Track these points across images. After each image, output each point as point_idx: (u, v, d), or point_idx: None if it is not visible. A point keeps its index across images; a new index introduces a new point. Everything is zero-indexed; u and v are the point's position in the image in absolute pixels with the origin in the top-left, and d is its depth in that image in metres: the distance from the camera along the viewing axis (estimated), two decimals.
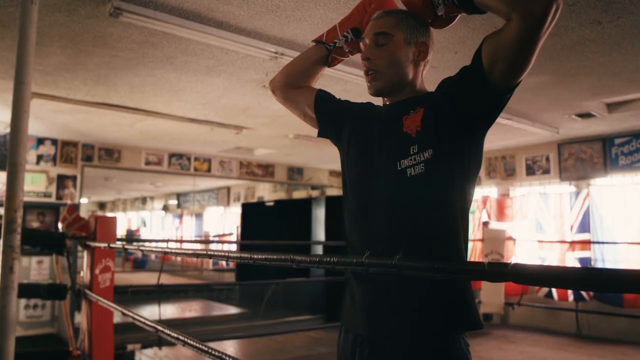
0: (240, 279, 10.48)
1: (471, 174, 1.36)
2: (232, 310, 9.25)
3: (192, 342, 2.05)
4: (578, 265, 6.84)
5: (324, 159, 8.96)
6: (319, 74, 1.73)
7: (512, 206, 7.61)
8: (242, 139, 6.89)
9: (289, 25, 3.28)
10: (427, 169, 1.30)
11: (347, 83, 4.36)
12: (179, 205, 15.20)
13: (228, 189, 12.75)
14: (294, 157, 8.70)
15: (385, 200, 1.35)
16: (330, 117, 1.62)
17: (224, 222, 12.99)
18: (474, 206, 7.95)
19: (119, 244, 3.48)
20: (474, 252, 7.79)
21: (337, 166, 9.69)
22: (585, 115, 5.65)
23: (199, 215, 14.26)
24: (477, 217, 7.86)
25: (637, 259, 6.33)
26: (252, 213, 10.80)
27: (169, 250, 2.31)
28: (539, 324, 6.96)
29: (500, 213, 7.70)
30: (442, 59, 3.86)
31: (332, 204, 9.17)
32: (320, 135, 1.67)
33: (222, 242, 11.88)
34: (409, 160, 1.31)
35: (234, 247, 11.20)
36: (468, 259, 1.63)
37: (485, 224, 7.38)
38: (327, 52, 1.66)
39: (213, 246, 10.99)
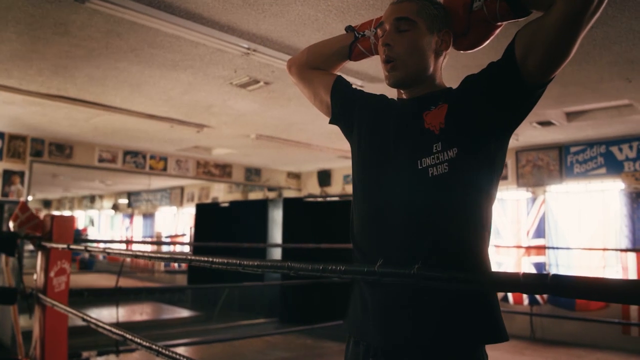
0: (193, 281, 10.21)
1: (496, 174, 1.28)
2: (185, 313, 9.02)
3: (165, 352, 1.91)
4: (533, 270, 6.99)
5: (282, 161, 8.85)
6: (341, 64, 1.64)
7: None
8: (202, 138, 6.70)
9: (264, 20, 3.16)
10: (452, 168, 1.20)
11: None
12: (129, 205, 14.72)
13: (182, 188, 12.44)
14: (252, 158, 8.55)
15: (403, 202, 1.25)
16: (344, 104, 1.52)
17: (176, 223, 12.66)
18: None
19: (77, 245, 3.27)
20: None
21: (294, 167, 9.61)
22: (546, 123, 5.76)
23: (150, 215, 13.85)
24: None
25: (589, 264, 6.52)
26: (207, 214, 10.55)
27: (143, 254, 2.16)
28: None
29: None
30: None
31: (289, 205, 9.06)
32: (332, 122, 1.58)
33: (175, 243, 11.57)
34: (432, 158, 1.22)
35: (187, 249, 10.93)
36: None
37: None
38: (353, 39, 1.57)
39: (166, 247, 10.69)
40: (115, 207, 14.96)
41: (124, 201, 14.84)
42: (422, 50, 1.32)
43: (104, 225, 16.43)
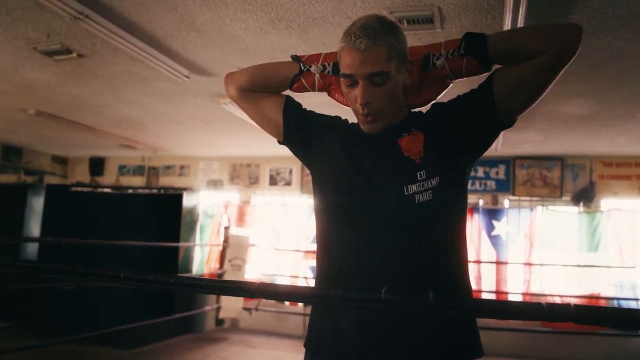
0: None
1: (467, 198, 1.38)
2: None
3: None
4: (310, 272, 7.43)
5: (50, 143, 7.87)
6: (281, 92, 1.57)
7: (253, 213, 7.85)
8: None
9: None
10: (435, 196, 1.27)
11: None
12: None
13: None
14: (15, 136, 7.38)
15: (394, 227, 1.28)
16: (298, 125, 1.49)
17: None
18: (215, 211, 7.95)
19: None
20: (210, 256, 7.77)
21: (62, 151, 8.60)
22: None
23: None
24: (217, 221, 7.88)
25: None
26: None
27: None
28: (268, 328, 7.28)
29: (240, 219, 7.86)
30: None
31: (53, 193, 8.03)
32: (283, 142, 1.53)
33: None
34: (417, 186, 1.27)
35: None
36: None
37: (227, 229, 7.44)
38: (297, 71, 1.49)
39: None
40: None
41: None
42: (398, 95, 1.35)
43: None
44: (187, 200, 7.72)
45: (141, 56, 3.63)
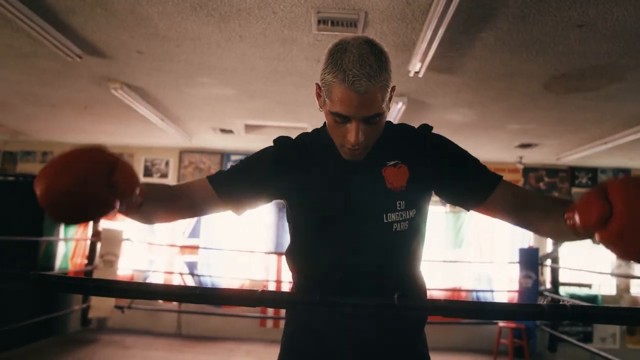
0: None
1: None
2: None
3: None
4: (186, 269, 7.20)
5: None
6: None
7: None
8: None
9: None
10: (410, 226, 1.35)
11: None
12: None
13: None
14: None
15: (371, 249, 1.36)
16: (248, 190, 1.43)
17: None
18: None
19: None
20: (76, 251, 7.21)
21: None
22: (227, 131, 6.09)
23: None
24: None
25: (236, 263, 7.14)
26: None
27: None
28: (140, 326, 6.94)
29: None
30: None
31: None
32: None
33: None
34: (396, 215, 1.34)
35: None
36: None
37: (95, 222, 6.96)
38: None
39: None
40: None
41: None
42: (384, 125, 1.35)
43: None
44: None
45: (31, 29, 3.25)
